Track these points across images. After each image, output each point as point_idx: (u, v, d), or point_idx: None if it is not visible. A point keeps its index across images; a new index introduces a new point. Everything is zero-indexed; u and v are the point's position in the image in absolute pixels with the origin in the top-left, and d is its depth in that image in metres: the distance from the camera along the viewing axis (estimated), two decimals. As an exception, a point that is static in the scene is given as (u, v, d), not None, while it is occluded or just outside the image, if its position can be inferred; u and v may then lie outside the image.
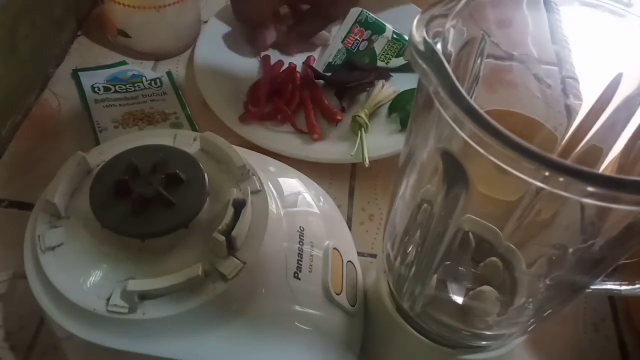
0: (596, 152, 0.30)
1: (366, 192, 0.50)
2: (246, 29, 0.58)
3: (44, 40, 0.55)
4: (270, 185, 0.36)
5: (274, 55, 0.58)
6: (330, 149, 0.50)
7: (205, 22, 0.61)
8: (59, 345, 0.36)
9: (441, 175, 0.26)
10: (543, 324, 0.34)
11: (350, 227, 0.47)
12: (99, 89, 0.54)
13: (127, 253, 0.31)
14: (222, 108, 0.52)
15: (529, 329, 0.34)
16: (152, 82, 0.56)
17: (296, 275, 0.34)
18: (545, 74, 0.32)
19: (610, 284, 0.32)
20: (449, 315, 0.33)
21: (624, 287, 0.32)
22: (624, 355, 0.42)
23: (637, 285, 0.32)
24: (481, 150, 0.21)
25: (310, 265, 0.35)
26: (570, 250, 0.29)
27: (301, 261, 0.35)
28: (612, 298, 0.45)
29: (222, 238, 0.30)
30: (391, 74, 0.57)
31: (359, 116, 0.51)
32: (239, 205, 0.32)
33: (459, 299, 0.33)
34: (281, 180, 0.39)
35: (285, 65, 0.56)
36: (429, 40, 0.23)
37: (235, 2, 0.56)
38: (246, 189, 0.33)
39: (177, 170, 0.33)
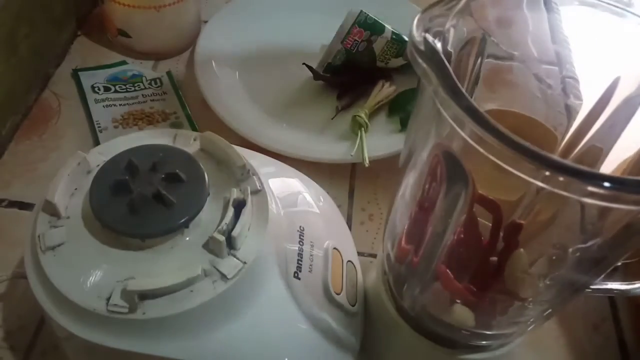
0: (596, 152, 0.30)
1: (366, 192, 0.50)
2: None
3: (44, 40, 0.55)
4: (270, 185, 0.36)
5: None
6: (330, 149, 0.50)
7: (205, 22, 0.61)
8: (59, 345, 0.36)
9: (441, 175, 0.26)
10: (543, 324, 0.34)
11: (350, 227, 0.47)
12: (99, 89, 0.54)
13: (127, 253, 0.31)
14: (222, 107, 0.52)
15: (529, 329, 0.34)
16: (152, 82, 0.56)
17: (296, 275, 0.34)
18: (545, 73, 0.32)
19: (610, 284, 0.32)
20: (449, 315, 0.33)
21: (624, 287, 0.32)
22: (624, 355, 0.42)
23: (637, 285, 0.32)
24: (481, 150, 0.21)
25: (310, 265, 0.35)
26: (570, 250, 0.29)
27: (301, 261, 0.35)
28: (612, 298, 0.45)
29: (222, 238, 0.30)
30: (391, 74, 0.57)
31: (359, 116, 0.51)
32: (239, 205, 0.32)
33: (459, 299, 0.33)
34: (281, 180, 0.39)
35: None
36: (430, 39, 0.23)
37: None
38: (246, 189, 0.33)
39: (177, 170, 0.32)
